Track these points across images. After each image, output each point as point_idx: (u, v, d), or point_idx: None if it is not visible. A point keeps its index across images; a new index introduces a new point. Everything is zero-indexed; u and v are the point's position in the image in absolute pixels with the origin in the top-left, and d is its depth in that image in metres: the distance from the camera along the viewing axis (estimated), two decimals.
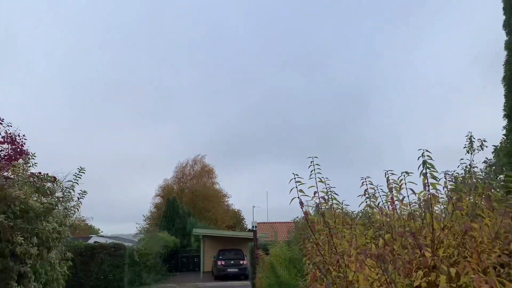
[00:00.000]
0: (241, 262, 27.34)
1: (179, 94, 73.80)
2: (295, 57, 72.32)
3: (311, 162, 4.36)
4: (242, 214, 56.45)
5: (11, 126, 10.36)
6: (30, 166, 9.44)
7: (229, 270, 26.99)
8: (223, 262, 27.30)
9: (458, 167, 7.87)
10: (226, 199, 54.24)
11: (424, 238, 3.38)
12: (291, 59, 72.48)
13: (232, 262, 27.34)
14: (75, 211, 10.10)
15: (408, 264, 3.24)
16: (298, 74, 70.73)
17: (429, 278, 3.08)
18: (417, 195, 3.87)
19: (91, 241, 26.65)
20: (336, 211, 4.64)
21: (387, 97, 71.49)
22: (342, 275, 3.83)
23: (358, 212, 5.42)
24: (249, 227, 50.48)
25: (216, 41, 70.78)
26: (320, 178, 4.37)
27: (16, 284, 7.70)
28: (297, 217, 12.74)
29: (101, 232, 53.00)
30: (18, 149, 10.36)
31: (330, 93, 70.89)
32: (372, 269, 3.56)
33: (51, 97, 67.77)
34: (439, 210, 4.15)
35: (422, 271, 3.12)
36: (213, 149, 79.24)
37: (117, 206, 76.48)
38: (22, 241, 7.81)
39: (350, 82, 67.62)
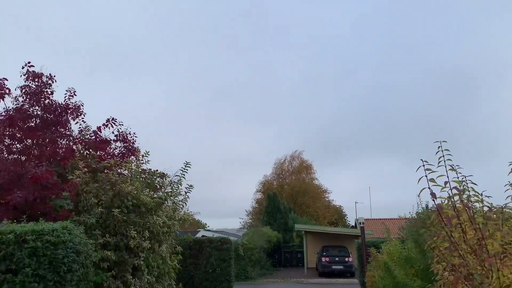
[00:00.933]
0: (346, 259, 26.61)
1: (279, 92, 74.29)
2: (397, 48, 68.52)
3: (439, 147, 3.70)
4: (343, 210, 55.07)
5: (122, 125, 10.89)
6: (143, 163, 9.84)
7: (334, 267, 26.41)
8: (327, 259, 26.79)
9: None
10: (327, 195, 53.34)
11: None
12: (392, 51, 68.84)
13: (337, 259, 26.74)
14: (183, 205, 10.33)
15: None
16: (401, 66, 66.95)
17: None
18: None
19: (198, 235, 27.73)
20: (475, 204, 3.89)
21: (498, 85, 64.46)
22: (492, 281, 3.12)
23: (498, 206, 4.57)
24: (352, 223, 49.07)
25: (316, 38, 69.79)
26: (451, 166, 3.67)
27: (131, 277, 7.96)
28: (410, 213, 11.69)
29: (208, 226, 55.64)
30: (130, 147, 10.88)
31: (436, 84, 65.84)
32: None
33: (167, 99, 73.10)
34: None
35: None
36: (312, 145, 78.50)
37: (222, 202, 79.76)
38: (135, 235, 8.07)
39: (457, 72, 62.10)
